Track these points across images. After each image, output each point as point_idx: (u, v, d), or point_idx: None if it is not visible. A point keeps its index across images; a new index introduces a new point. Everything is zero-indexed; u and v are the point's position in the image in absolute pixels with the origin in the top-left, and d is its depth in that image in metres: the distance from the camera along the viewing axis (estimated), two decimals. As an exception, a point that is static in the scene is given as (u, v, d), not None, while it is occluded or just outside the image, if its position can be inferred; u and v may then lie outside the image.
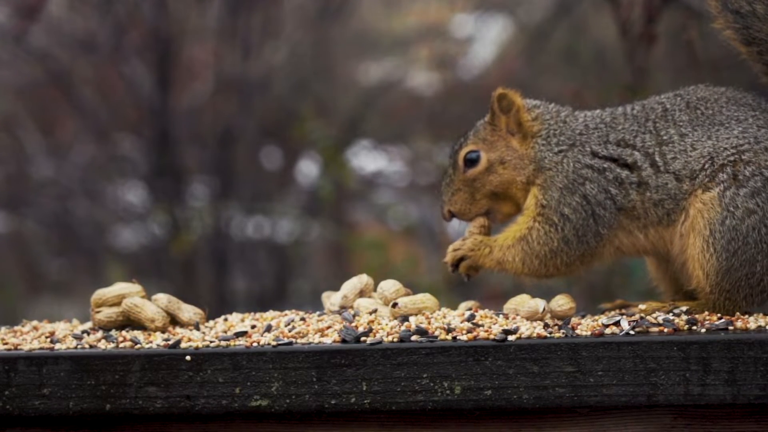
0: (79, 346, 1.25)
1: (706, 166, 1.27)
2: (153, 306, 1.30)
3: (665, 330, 1.19)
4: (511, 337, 1.16)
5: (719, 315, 1.25)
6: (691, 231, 1.25)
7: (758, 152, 1.26)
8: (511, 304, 1.24)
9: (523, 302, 1.23)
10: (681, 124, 1.30)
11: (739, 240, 1.23)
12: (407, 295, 1.29)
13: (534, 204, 1.29)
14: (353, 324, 1.23)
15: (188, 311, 1.31)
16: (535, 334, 1.17)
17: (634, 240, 1.30)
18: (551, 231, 1.28)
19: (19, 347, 1.26)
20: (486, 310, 1.27)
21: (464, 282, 1.36)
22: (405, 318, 1.23)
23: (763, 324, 1.20)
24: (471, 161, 1.32)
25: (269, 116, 4.38)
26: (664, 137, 1.29)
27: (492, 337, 1.16)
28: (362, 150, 4.59)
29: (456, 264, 1.33)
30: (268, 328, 1.25)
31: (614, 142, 1.30)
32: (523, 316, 1.22)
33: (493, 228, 1.36)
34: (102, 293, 1.33)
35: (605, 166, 1.28)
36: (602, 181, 1.28)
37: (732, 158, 1.26)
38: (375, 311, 1.27)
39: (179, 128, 4.06)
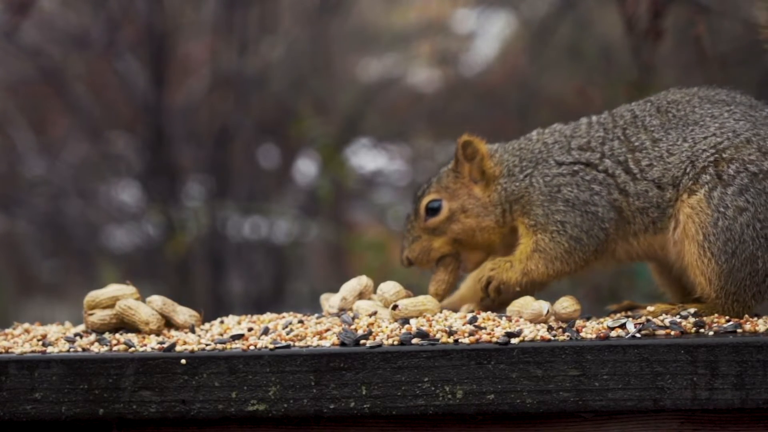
0: (71, 350, 1.23)
1: (688, 170, 1.25)
2: (147, 308, 1.28)
3: (672, 333, 1.17)
4: (514, 340, 1.14)
5: (727, 317, 1.23)
6: (684, 238, 1.24)
7: (739, 147, 1.24)
8: (514, 307, 1.22)
9: (527, 304, 1.21)
10: (652, 129, 1.29)
11: (735, 240, 1.21)
12: (408, 297, 1.26)
13: (525, 230, 1.30)
14: (352, 327, 1.21)
15: (183, 313, 1.29)
16: (538, 337, 1.15)
17: (628, 247, 1.30)
18: (556, 236, 1.28)
19: (10, 350, 1.24)
20: (489, 312, 1.25)
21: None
22: (405, 320, 1.21)
23: (771, 326, 1.19)
24: (432, 210, 1.33)
25: (266, 114, 4.35)
26: (636, 143, 1.28)
27: (495, 340, 1.15)
28: (362, 148, 4.57)
29: (486, 293, 1.33)
30: (266, 331, 1.23)
31: (576, 147, 1.29)
32: (527, 319, 1.20)
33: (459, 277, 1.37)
34: (95, 295, 1.31)
35: (575, 168, 1.28)
36: (579, 180, 1.27)
37: (712, 158, 1.24)
38: (375, 313, 1.25)
39: (174, 126, 4.03)
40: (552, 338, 1.15)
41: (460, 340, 1.15)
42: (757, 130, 1.25)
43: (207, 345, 1.20)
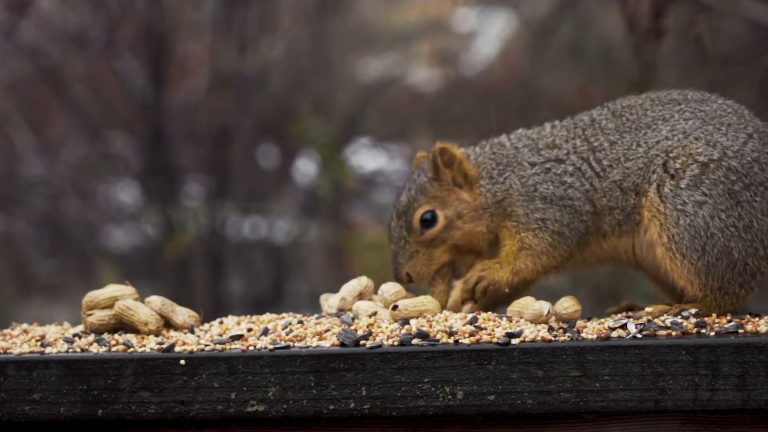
0: (70, 350, 1.22)
1: (645, 175, 1.26)
2: (146, 309, 1.27)
3: (673, 333, 1.17)
4: (514, 341, 1.14)
5: (729, 318, 1.22)
6: (653, 243, 1.25)
7: (686, 145, 1.25)
8: (515, 307, 1.22)
9: (528, 305, 1.21)
10: (608, 131, 1.30)
11: (702, 236, 1.19)
12: (407, 297, 1.26)
13: (508, 232, 1.31)
14: (352, 327, 1.21)
15: (182, 314, 1.29)
16: (539, 338, 1.15)
17: (598, 250, 1.31)
18: (539, 233, 1.29)
19: (8, 351, 1.23)
20: (489, 312, 1.24)
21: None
22: (405, 321, 1.21)
23: (773, 327, 1.18)
24: (426, 222, 1.32)
25: (266, 113, 4.34)
26: (595, 144, 1.30)
27: (495, 340, 1.14)
28: (361, 148, 4.55)
29: (472, 293, 1.32)
30: (265, 332, 1.23)
31: (544, 147, 1.32)
32: (528, 319, 1.20)
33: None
34: (94, 295, 1.30)
35: (547, 166, 1.30)
36: (552, 177, 1.29)
37: (662, 161, 1.26)
38: (375, 314, 1.24)
39: (173, 126, 4.01)
40: (553, 339, 1.15)
41: (460, 341, 1.15)
42: (705, 126, 1.26)
43: (206, 346, 1.19)
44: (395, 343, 1.15)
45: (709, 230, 1.19)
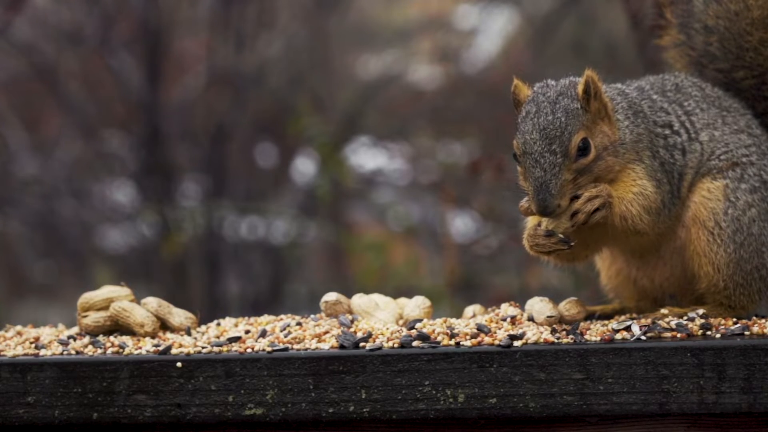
0: (65, 352, 1.21)
1: (722, 157, 1.26)
2: (142, 310, 1.26)
3: (678, 335, 1.15)
4: (517, 343, 1.12)
5: (735, 320, 1.22)
6: (693, 223, 1.24)
7: (761, 155, 1.28)
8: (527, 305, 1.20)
9: (531, 306, 1.19)
10: (696, 98, 1.29)
11: (743, 231, 1.22)
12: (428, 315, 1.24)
13: (629, 177, 1.22)
14: (351, 329, 1.19)
15: (179, 316, 1.27)
16: (542, 340, 1.14)
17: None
18: (657, 191, 1.22)
19: (2, 353, 1.22)
20: (491, 314, 1.22)
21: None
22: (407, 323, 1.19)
23: (779, 329, 1.17)
24: (582, 150, 1.19)
25: (264, 112, 4.32)
26: (688, 108, 1.29)
27: (497, 342, 1.13)
28: (361, 147, 4.54)
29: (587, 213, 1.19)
30: (263, 334, 1.21)
31: (658, 109, 1.28)
32: (530, 321, 1.18)
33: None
34: (89, 297, 1.29)
35: (666, 133, 1.26)
36: (668, 146, 1.25)
37: (744, 159, 1.26)
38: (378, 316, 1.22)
39: (170, 124, 4.00)
40: (556, 341, 1.13)
41: (461, 343, 1.13)
42: None
43: (203, 348, 1.18)
44: (395, 345, 1.14)
45: (750, 229, 1.22)
